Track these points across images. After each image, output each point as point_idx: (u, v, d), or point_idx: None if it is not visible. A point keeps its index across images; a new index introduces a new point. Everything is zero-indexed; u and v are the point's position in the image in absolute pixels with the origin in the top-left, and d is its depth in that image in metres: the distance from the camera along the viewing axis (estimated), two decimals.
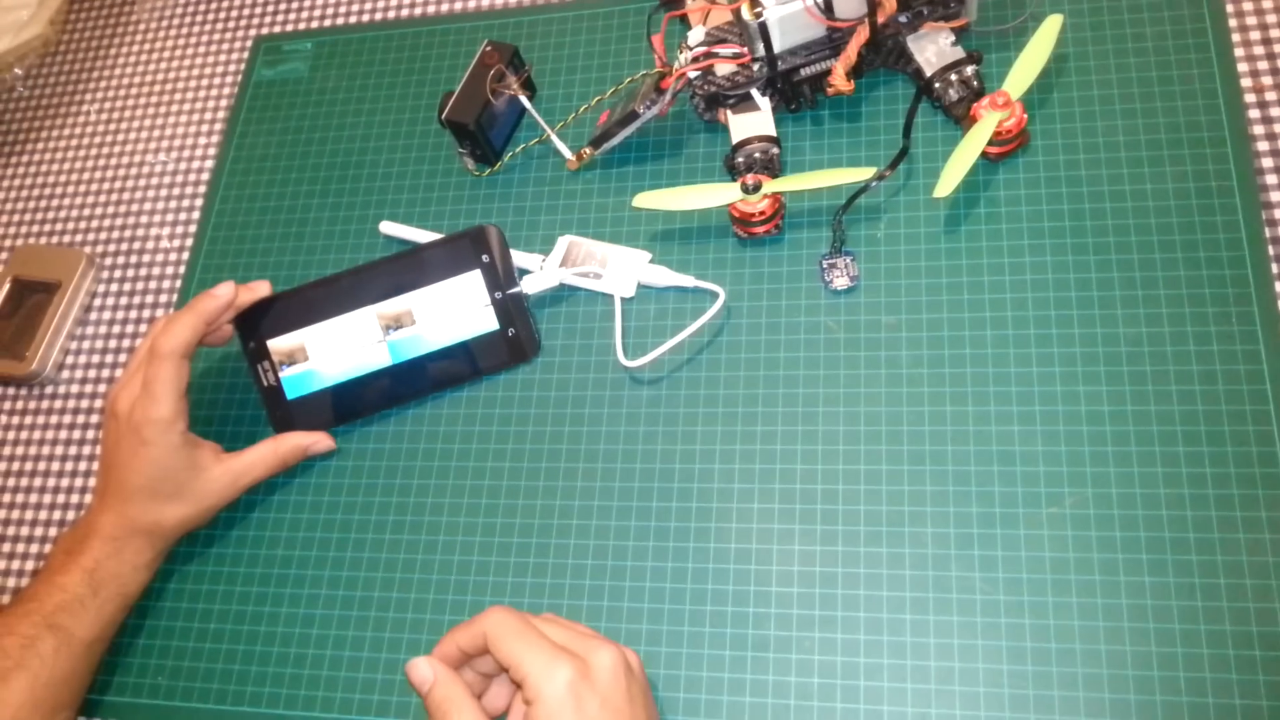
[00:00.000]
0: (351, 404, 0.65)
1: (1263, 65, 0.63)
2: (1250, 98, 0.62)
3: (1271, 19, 0.64)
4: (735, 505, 0.58)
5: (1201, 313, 0.57)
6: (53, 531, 0.70)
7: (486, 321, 0.64)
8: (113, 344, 0.75)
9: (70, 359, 0.75)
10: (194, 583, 0.64)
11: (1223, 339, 0.56)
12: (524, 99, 0.70)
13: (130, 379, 0.60)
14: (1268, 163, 0.61)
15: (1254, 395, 0.55)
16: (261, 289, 0.64)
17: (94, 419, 0.72)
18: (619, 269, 0.65)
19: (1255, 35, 0.64)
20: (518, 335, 0.64)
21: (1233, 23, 0.64)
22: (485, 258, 0.64)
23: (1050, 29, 0.61)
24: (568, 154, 0.69)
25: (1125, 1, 0.66)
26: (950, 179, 0.59)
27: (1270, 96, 0.62)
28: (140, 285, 0.76)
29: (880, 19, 0.62)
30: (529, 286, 0.65)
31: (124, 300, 0.76)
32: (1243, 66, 0.63)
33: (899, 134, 0.65)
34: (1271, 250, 0.58)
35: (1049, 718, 0.50)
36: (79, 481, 0.71)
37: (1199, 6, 0.64)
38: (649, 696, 0.49)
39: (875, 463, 0.57)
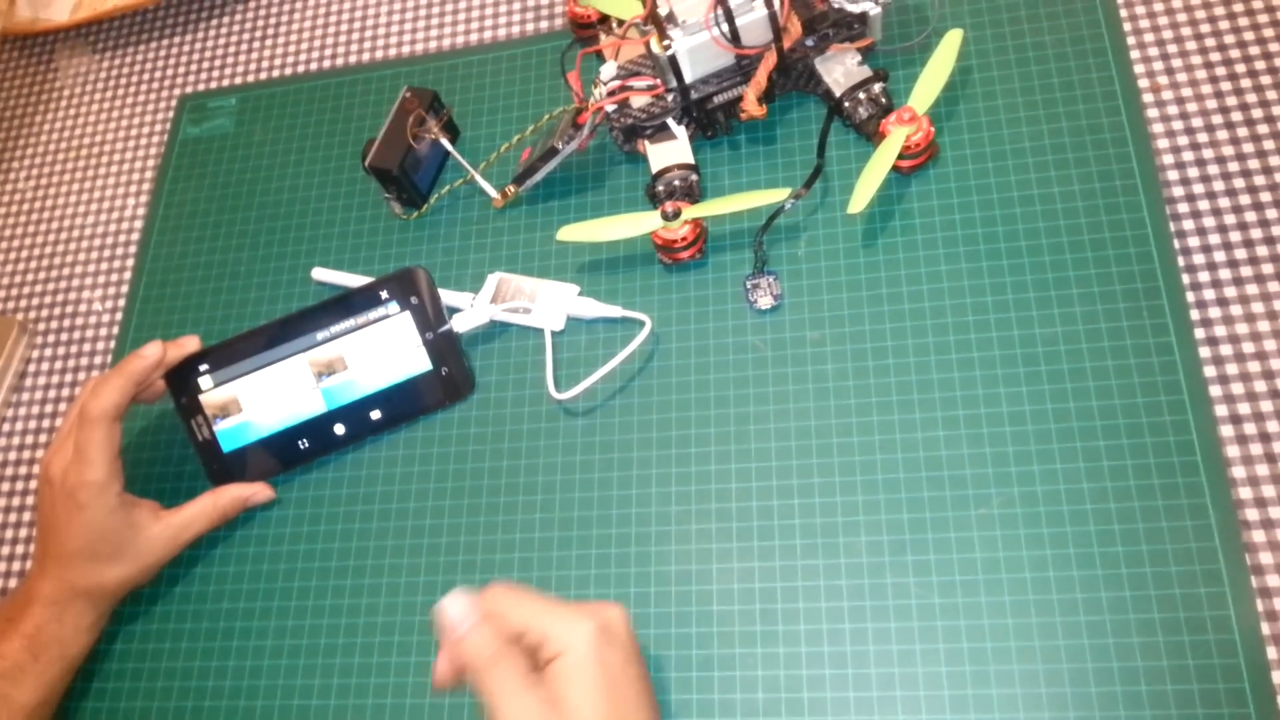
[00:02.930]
0: (289, 453, 0.65)
1: (1158, 66, 0.65)
2: (1148, 98, 0.65)
3: (1163, 20, 0.67)
4: (673, 528, 0.59)
5: (1113, 309, 0.58)
6: None
7: (419, 363, 0.65)
8: (49, 409, 0.74)
9: (6, 426, 0.75)
10: (140, 641, 0.64)
11: (1135, 333, 0.58)
12: (445, 142, 0.71)
13: (62, 444, 0.60)
14: (1168, 159, 0.63)
15: (1168, 386, 0.56)
16: (190, 344, 0.64)
17: (33, 485, 0.72)
18: (548, 303, 0.66)
19: (1149, 37, 0.66)
20: (451, 374, 0.65)
21: (1127, 26, 0.67)
22: (414, 299, 0.64)
23: (951, 43, 0.63)
24: (493, 193, 0.70)
25: (1024, 12, 0.67)
26: (863, 194, 0.60)
27: (1166, 95, 0.65)
28: (75, 349, 0.76)
29: (787, 44, 0.64)
30: (459, 325, 0.65)
31: (59, 365, 0.76)
32: (1139, 68, 0.65)
33: (813, 154, 0.66)
34: (1177, 244, 0.60)
35: (988, 716, 0.51)
36: (19, 549, 0.70)
37: (1094, 13, 0.66)
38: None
39: (807, 476, 0.58)
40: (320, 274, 0.71)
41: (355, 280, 0.70)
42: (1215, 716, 0.49)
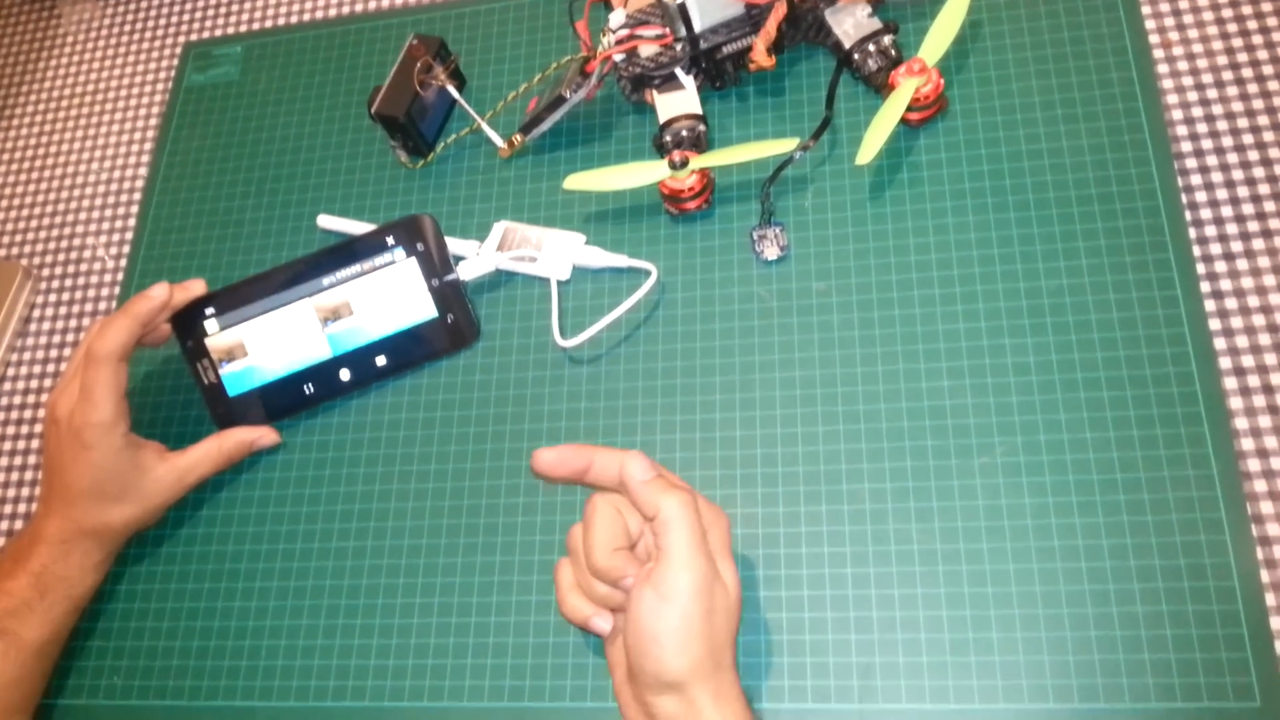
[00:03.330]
0: (294, 397, 0.65)
1: (1169, 21, 0.65)
2: (1158, 53, 0.64)
3: None
4: (678, 474, 0.59)
5: (1119, 261, 0.58)
6: (1, 542, 0.69)
7: (425, 309, 0.65)
8: (54, 354, 0.74)
9: (11, 371, 0.75)
10: (145, 582, 0.64)
11: (1141, 286, 0.58)
12: (452, 89, 0.71)
13: (68, 384, 0.60)
14: (1177, 115, 0.63)
15: (1173, 338, 0.56)
16: (196, 287, 0.64)
17: (38, 428, 0.72)
18: (554, 252, 0.66)
19: None
20: (456, 321, 0.65)
21: None
22: (420, 246, 0.64)
23: None
24: (499, 142, 0.70)
25: None
26: (871, 146, 0.60)
27: (1177, 51, 0.64)
28: (79, 295, 0.76)
29: None
30: (465, 273, 0.65)
31: (63, 310, 0.76)
32: (1150, 24, 0.65)
33: (822, 106, 0.66)
34: (1184, 198, 0.60)
35: (988, 658, 0.52)
36: (25, 491, 0.71)
37: None
38: None
39: (811, 424, 0.59)
40: (326, 221, 0.71)
41: (361, 228, 0.70)
42: (1213, 661, 0.50)
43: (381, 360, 0.65)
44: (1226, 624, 0.50)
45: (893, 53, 0.65)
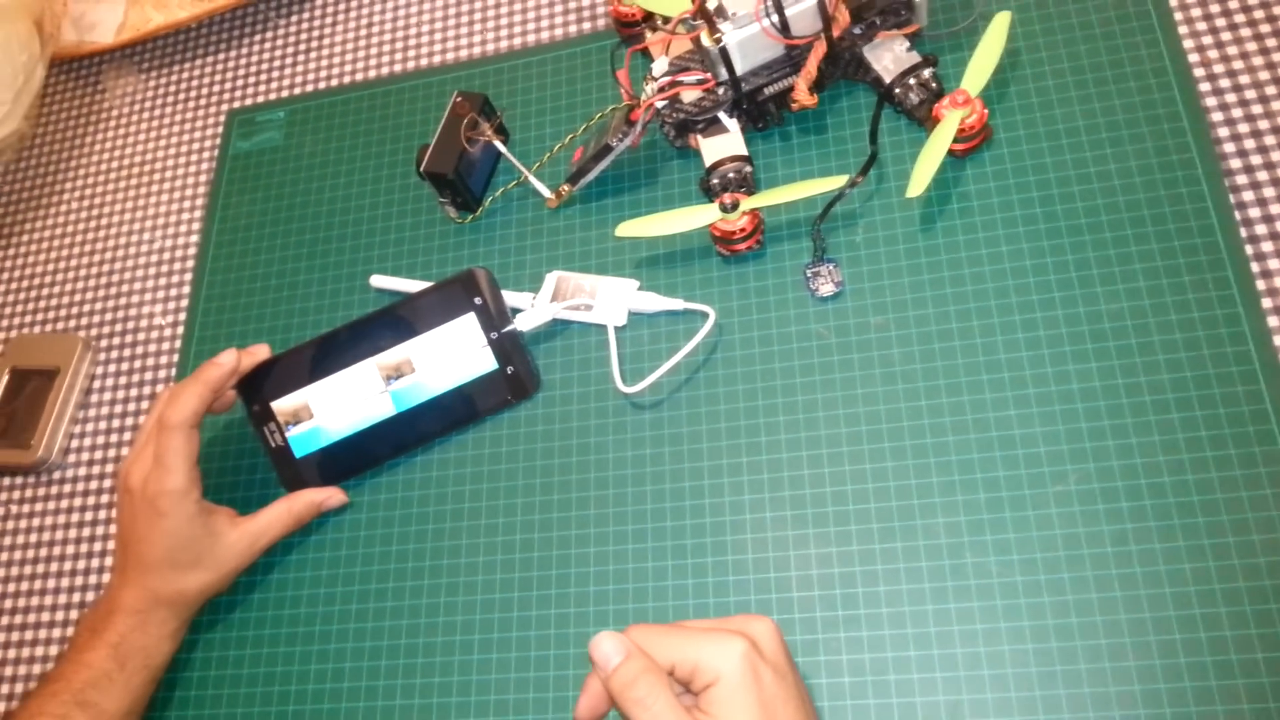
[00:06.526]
0: (360, 457, 0.66)
1: (1207, 40, 0.65)
2: (1199, 71, 0.65)
3: None
4: (748, 517, 0.59)
5: (1178, 282, 0.58)
6: (73, 614, 0.70)
7: (485, 362, 0.65)
8: (115, 424, 0.75)
9: (75, 443, 0.76)
10: (220, 649, 0.65)
11: (1202, 305, 0.58)
12: (498, 144, 0.72)
13: (141, 452, 0.61)
14: (1223, 131, 0.63)
15: (1238, 356, 0.56)
16: (261, 352, 0.65)
17: (104, 499, 0.73)
18: (609, 299, 0.67)
19: (1196, 11, 0.66)
20: (517, 373, 0.65)
21: (1173, 1, 0.66)
22: (478, 300, 0.65)
23: (1000, 26, 0.63)
24: (546, 193, 0.71)
25: None
26: (921, 178, 0.61)
27: (1217, 69, 0.65)
28: (138, 364, 0.77)
29: (835, 33, 0.64)
30: (523, 324, 0.66)
31: (123, 380, 0.77)
32: (1188, 42, 0.66)
33: (866, 141, 0.66)
34: (1238, 215, 0.60)
35: (1077, 690, 0.51)
36: (95, 562, 0.71)
37: None
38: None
39: (880, 460, 0.59)
40: (379, 281, 0.72)
41: (413, 286, 0.70)
42: None
43: (445, 415, 0.65)
44: None
45: (933, 85, 0.65)
